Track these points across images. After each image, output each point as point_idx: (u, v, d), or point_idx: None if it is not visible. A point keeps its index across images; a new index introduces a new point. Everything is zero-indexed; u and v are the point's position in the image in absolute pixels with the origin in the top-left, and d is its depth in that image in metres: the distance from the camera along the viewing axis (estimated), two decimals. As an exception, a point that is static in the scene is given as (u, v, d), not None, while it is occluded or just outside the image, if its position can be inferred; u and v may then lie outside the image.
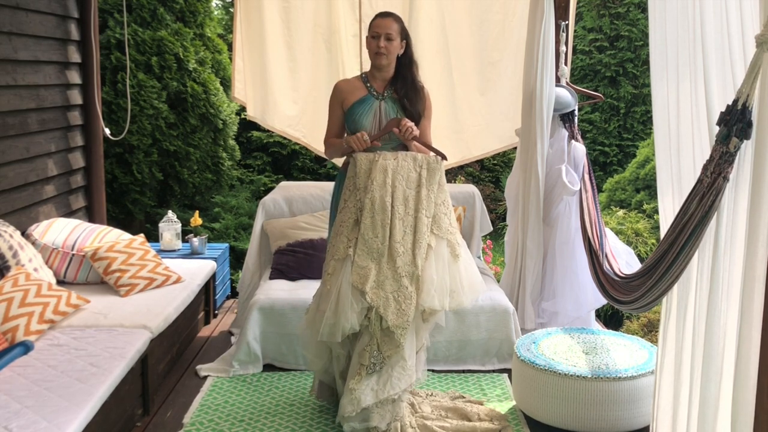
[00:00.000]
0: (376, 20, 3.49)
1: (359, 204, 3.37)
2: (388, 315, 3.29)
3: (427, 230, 3.38)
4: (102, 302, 3.94)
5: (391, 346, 3.33)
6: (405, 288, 3.32)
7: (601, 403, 3.35)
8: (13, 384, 2.94)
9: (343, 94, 3.54)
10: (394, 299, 3.31)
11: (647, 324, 5.19)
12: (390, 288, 3.32)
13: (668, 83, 2.60)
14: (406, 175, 3.40)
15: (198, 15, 6.78)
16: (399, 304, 3.31)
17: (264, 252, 4.93)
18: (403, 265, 3.33)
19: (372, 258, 3.34)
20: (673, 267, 2.55)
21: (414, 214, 3.38)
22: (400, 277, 3.32)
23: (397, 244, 3.33)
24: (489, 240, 6.90)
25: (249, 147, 7.94)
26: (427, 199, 3.40)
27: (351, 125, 3.50)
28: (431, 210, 3.41)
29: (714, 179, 2.28)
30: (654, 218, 6.26)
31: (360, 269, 3.32)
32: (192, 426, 3.53)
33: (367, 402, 3.28)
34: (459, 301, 3.42)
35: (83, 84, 5.13)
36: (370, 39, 3.48)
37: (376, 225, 3.34)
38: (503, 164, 8.92)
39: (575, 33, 7.69)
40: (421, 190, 3.39)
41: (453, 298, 3.40)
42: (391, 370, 3.33)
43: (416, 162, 3.42)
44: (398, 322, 3.30)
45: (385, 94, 3.52)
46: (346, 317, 3.28)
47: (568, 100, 4.65)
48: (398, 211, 3.36)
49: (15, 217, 4.24)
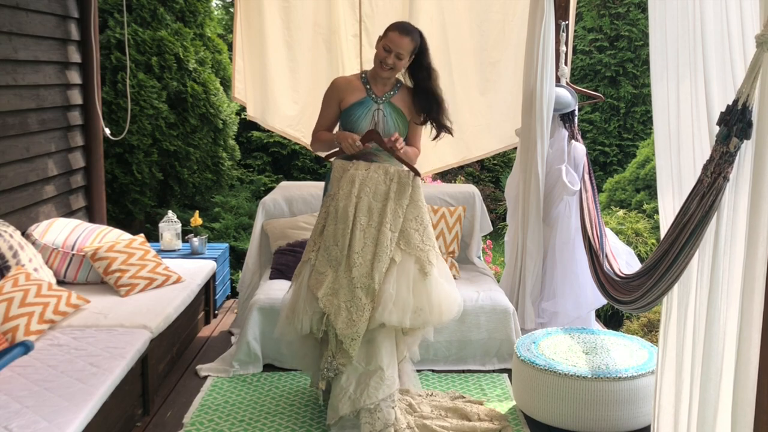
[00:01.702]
0: (396, 36, 3.38)
1: (327, 210, 3.42)
2: (338, 323, 3.29)
3: (391, 244, 3.32)
4: (102, 302, 3.94)
5: (344, 355, 3.32)
6: (359, 299, 3.29)
7: (601, 403, 3.35)
8: (13, 384, 2.94)
9: (341, 92, 3.51)
10: (346, 309, 3.30)
11: (647, 324, 5.19)
12: (344, 297, 3.31)
13: (668, 83, 2.60)
14: (374, 186, 3.36)
15: (198, 15, 6.79)
16: (350, 314, 3.29)
17: (264, 252, 4.93)
18: (359, 276, 3.30)
19: (330, 265, 3.36)
20: (673, 267, 2.55)
21: (377, 227, 3.33)
22: (355, 287, 3.30)
23: (356, 255, 3.32)
24: (489, 240, 6.90)
25: (249, 147, 7.94)
26: (393, 213, 3.34)
27: (347, 126, 3.49)
28: (397, 224, 3.35)
29: (714, 179, 2.28)
30: (654, 218, 6.26)
31: (318, 275, 3.37)
32: (192, 426, 3.53)
33: (344, 410, 3.29)
34: (424, 320, 3.34)
35: (83, 84, 5.13)
36: (382, 48, 3.41)
37: (337, 233, 3.35)
38: (503, 164, 8.92)
39: (575, 33, 7.69)
40: (388, 203, 3.35)
41: (419, 316, 3.31)
42: (369, 380, 3.31)
43: (387, 175, 3.38)
44: (347, 332, 3.28)
45: (384, 97, 3.51)
46: (299, 319, 3.37)
47: (568, 100, 4.65)
48: (360, 221, 3.33)
49: (15, 217, 4.24)
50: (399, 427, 3.34)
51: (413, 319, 3.32)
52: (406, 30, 3.42)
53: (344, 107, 3.49)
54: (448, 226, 4.80)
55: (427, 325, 3.42)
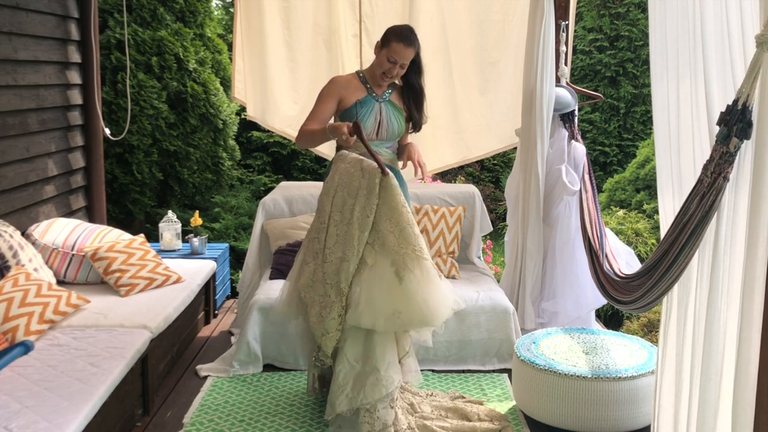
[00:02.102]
0: (400, 48, 3.39)
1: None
2: (311, 316, 3.31)
3: (359, 244, 3.22)
4: (102, 302, 3.94)
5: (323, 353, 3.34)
6: (328, 296, 3.28)
7: (601, 403, 3.35)
8: (13, 384, 2.94)
9: (342, 91, 3.52)
10: (319, 303, 3.31)
11: (647, 324, 5.19)
12: (319, 291, 3.32)
13: (668, 83, 2.60)
14: (349, 181, 3.28)
15: (198, 15, 6.79)
16: (321, 309, 3.29)
17: (264, 252, 4.93)
18: (330, 273, 3.28)
19: (313, 257, 3.37)
20: (673, 267, 2.55)
21: (348, 224, 3.26)
22: (325, 283, 3.30)
23: (327, 250, 3.30)
24: (489, 240, 6.90)
25: (249, 147, 7.94)
26: (362, 211, 3.22)
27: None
28: (365, 224, 3.22)
29: (714, 179, 2.28)
30: (654, 218, 6.26)
31: (305, 264, 3.39)
32: (192, 426, 3.53)
33: (341, 408, 3.27)
34: (402, 323, 3.22)
35: (83, 84, 5.13)
36: (386, 60, 3.42)
37: (319, 226, 3.36)
38: (503, 164, 8.92)
39: (575, 33, 7.69)
40: (357, 201, 3.25)
41: (397, 318, 3.19)
42: (365, 379, 3.28)
43: (363, 171, 3.27)
44: (316, 327, 3.30)
45: (384, 96, 3.53)
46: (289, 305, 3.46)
47: (568, 100, 4.65)
48: (334, 217, 3.30)
49: (15, 217, 4.24)
50: (400, 427, 3.33)
51: (390, 323, 3.21)
52: (409, 40, 3.42)
53: (346, 106, 3.50)
54: (448, 226, 4.80)
55: (410, 328, 3.29)
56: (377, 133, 3.51)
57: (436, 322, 3.25)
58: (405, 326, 3.26)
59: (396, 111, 3.54)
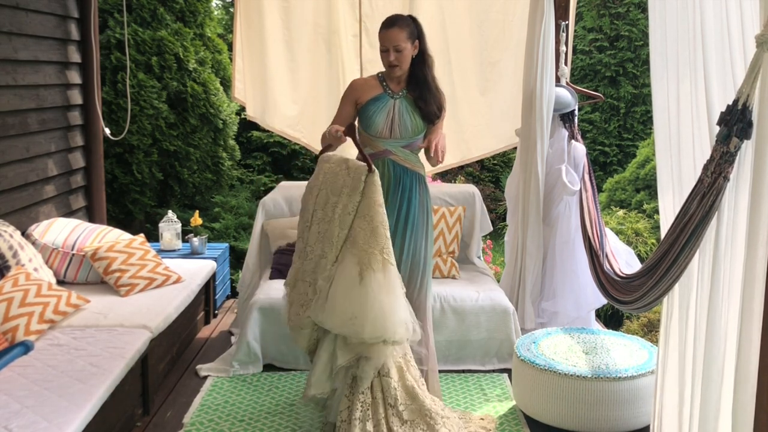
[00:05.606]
0: (382, 32, 3.42)
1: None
2: (289, 313, 3.31)
3: (337, 241, 3.16)
4: (102, 302, 3.94)
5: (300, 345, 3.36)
6: (305, 295, 3.27)
7: (601, 403, 3.35)
8: (13, 384, 2.94)
9: (358, 92, 3.53)
10: (298, 302, 3.30)
11: (647, 324, 5.19)
12: (301, 289, 3.31)
13: (668, 83, 2.60)
14: (333, 179, 3.26)
15: (198, 15, 6.79)
16: (299, 308, 3.29)
17: (264, 252, 4.93)
18: (308, 271, 3.27)
19: (299, 256, 3.37)
20: (673, 267, 2.55)
21: (329, 222, 3.21)
22: (304, 281, 3.29)
23: (309, 248, 3.29)
24: (489, 240, 6.90)
25: (249, 147, 7.94)
26: (344, 209, 3.16)
27: (364, 122, 3.50)
28: (346, 222, 3.15)
29: (714, 179, 2.28)
30: (654, 218, 6.27)
31: (294, 263, 3.39)
32: (192, 426, 3.53)
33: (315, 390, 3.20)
34: (356, 331, 3.04)
35: (83, 84, 5.13)
36: (381, 52, 3.44)
37: (303, 227, 3.36)
38: (503, 164, 8.92)
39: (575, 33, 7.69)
40: (340, 199, 3.18)
41: (353, 324, 3.04)
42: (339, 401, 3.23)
43: (349, 170, 3.22)
44: (291, 324, 3.30)
45: (400, 93, 3.51)
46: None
47: (568, 100, 4.65)
48: (317, 214, 3.29)
49: (15, 217, 4.24)
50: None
51: (344, 327, 3.07)
52: (390, 22, 3.45)
53: (361, 104, 3.51)
54: (448, 226, 4.80)
55: (363, 336, 3.04)
56: (390, 131, 3.47)
57: (388, 335, 3.05)
58: (358, 334, 3.05)
59: (412, 107, 3.49)
